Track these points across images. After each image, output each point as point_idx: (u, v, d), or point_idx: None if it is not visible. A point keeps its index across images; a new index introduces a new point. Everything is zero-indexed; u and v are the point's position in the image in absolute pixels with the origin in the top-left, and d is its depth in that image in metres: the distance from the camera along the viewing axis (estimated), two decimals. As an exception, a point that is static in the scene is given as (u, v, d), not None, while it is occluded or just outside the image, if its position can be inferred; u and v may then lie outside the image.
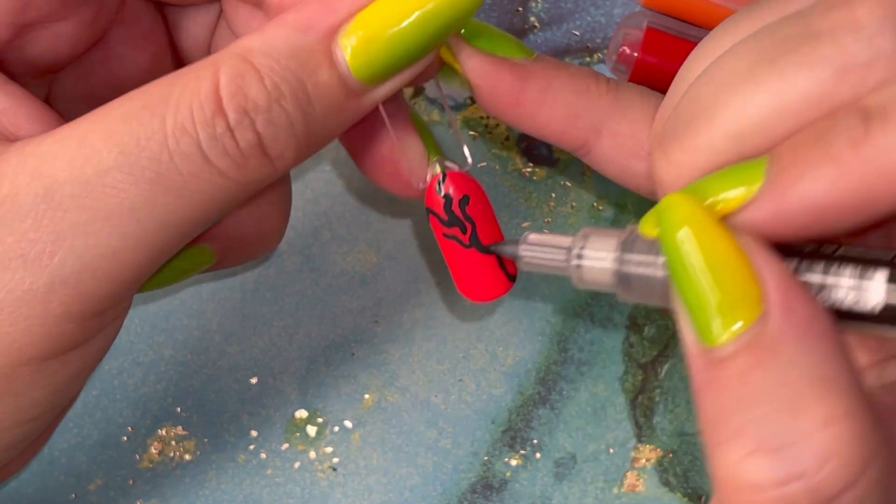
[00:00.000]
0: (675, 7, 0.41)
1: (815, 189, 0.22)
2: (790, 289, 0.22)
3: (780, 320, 0.22)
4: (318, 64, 0.27)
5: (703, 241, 0.23)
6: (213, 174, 0.26)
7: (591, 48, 0.42)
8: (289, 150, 0.27)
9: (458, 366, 0.40)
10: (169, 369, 0.40)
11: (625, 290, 0.26)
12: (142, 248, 0.27)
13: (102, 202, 0.26)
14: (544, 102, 0.30)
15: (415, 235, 0.41)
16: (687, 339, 0.23)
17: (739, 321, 0.22)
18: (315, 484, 0.39)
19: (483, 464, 0.40)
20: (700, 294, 0.22)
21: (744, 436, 0.21)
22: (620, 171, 0.30)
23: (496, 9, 0.42)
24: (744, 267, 0.22)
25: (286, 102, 0.26)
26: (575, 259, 0.27)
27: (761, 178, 0.23)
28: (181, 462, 0.39)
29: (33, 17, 0.30)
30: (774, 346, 0.22)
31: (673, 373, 0.40)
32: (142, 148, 0.26)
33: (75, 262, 0.26)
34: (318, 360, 0.40)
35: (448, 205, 0.31)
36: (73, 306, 0.27)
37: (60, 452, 0.39)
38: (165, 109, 0.26)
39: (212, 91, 0.26)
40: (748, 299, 0.22)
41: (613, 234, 0.26)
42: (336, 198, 0.41)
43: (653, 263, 0.25)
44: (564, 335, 0.40)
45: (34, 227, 0.26)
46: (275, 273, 0.40)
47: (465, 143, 0.34)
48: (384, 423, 0.40)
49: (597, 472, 0.40)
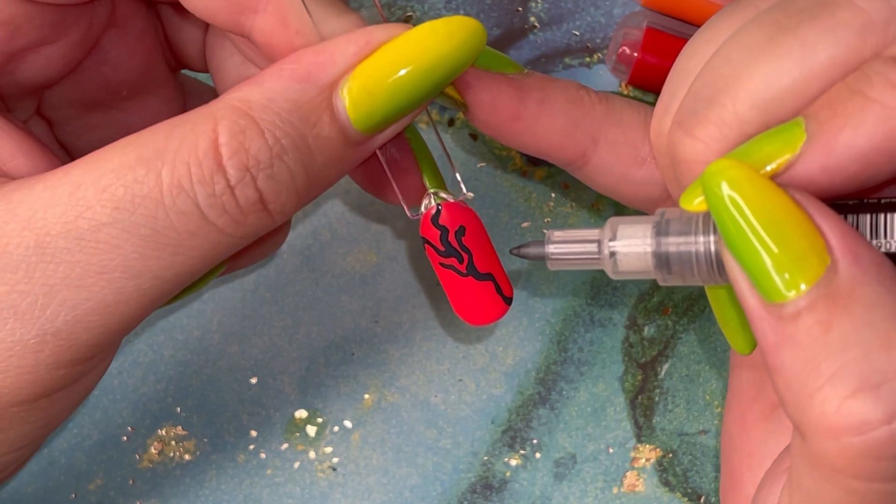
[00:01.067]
0: (675, 7, 0.41)
1: (861, 135, 0.23)
2: (851, 236, 0.23)
3: (851, 267, 0.22)
4: (320, 117, 0.26)
5: (759, 199, 0.23)
6: (210, 231, 0.26)
7: (591, 48, 0.42)
8: (290, 203, 0.27)
9: (458, 366, 0.40)
10: (169, 369, 0.40)
11: (665, 273, 0.26)
12: (135, 301, 0.26)
13: (96, 257, 0.26)
14: (542, 114, 0.29)
15: (415, 235, 0.41)
16: (749, 303, 0.23)
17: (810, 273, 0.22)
18: (315, 484, 0.39)
19: (483, 464, 0.40)
20: (763, 253, 0.22)
21: (841, 378, 0.21)
22: (619, 179, 0.30)
23: (496, 9, 0.42)
24: (804, 220, 0.23)
25: (288, 158, 0.26)
26: (609, 248, 0.27)
27: (804, 135, 0.23)
28: (181, 462, 0.39)
29: (23, 43, 0.29)
30: (850, 292, 0.22)
31: (673, 373, 0.40)
32: (137, 205, 0.25)
33: (67, 315, 0.26)
34: (318, 360, 0.40)
35: (444, 237, 0.30)
36: (64, 356, 0.26)
37: (60, 452, 0.39)
38: (161, 165, 0.25)
39: (211, 147, 0.25)
40: (815, 251, 0.22)
41: (642, 220, 0.27)
42: (336, 198, 0.41)
43: (692, 241, 0.25)
44: (564, 335, 0.40)
45: (25, 279, 0.26)
46: (275, 273, 0.40)
47: (466, 165, 0.33)
48: (384, 423, 0.40)
49: (596, 472, 0.40)
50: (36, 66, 0.30)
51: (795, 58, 0.24)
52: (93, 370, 0.28)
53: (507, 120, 0.29)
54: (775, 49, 0.24)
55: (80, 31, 0.30)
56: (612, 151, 0.30)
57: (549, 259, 0.28)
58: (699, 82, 0.26)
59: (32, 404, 0.27)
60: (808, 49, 0.24)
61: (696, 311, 0.41)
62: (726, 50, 0.25)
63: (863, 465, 0.21)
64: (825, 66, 0.24)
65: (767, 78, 0.24)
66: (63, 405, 0.28)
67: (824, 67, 0.24)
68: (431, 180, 0.31)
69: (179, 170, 0.25)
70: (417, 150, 0.31)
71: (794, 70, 0.24)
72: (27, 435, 0.28)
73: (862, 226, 0.24)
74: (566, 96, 0.30)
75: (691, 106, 0.26)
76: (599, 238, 0.27)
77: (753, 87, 0.24)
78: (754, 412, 0.31)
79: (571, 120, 0.30)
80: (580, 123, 0.30)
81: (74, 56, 0.31)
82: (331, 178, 0.28)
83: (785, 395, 0.23)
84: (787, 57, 0.24)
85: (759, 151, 0.24)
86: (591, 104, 0.30)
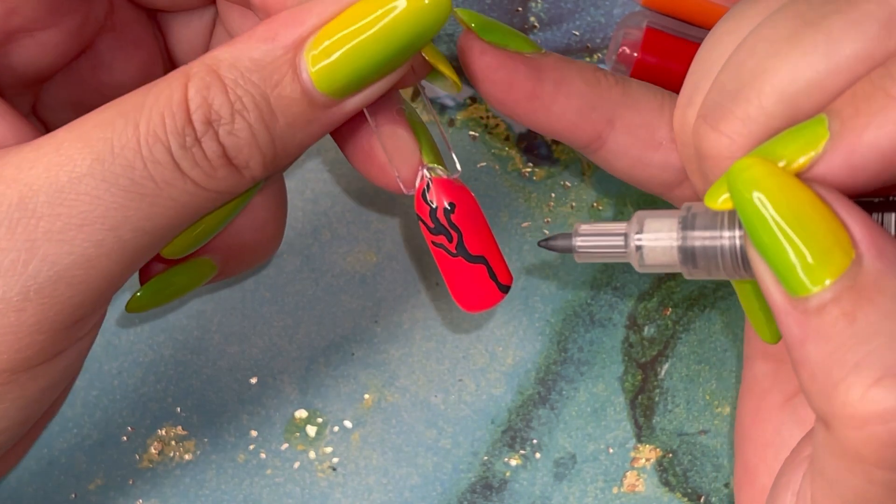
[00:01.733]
0: (675, 7, 0.41)
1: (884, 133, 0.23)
2: (875, 230, 0.23)
3: (875, 260, 0.22)
4: (282, 77, 0.27)
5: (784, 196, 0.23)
6: (185, 183, 0.27)
7: (591, 48, 0.42)
8: (253, 160, 0.27)
9: (458, 366, 0.40)
10: (169, 369, 0.40)
11: (691, 267, 0.26)
12: (116, 255, 0.27)
13: (77, 209, 0.26)
14: (559, 94, 0.29)
15: (415, 235, 0.41)
16: (774, 298, 0.23)
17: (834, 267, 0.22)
18: (315, 484, 0.39)
19: (483, 464, 0.40)
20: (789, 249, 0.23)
21: (865, 367, 0.22)
22: (635, 162, 0.30)
23: (496, 9, 0.42)
24: (829, 216, 0.23)
25: (248, 115, 0.27)
26: (635, 242, 0.27)
27: (826, 134, 0.24)
28: (181, 462, 0.39)
29: (18, 23, 0.29)
30: (876, 285, 0.22)
31: (672, 373, 0.40)
32: (116, 155, 0.26)
33: (49, 270, 0.26)
34: (318, 360, 0.40)
35: (433, 213, 0.30)
36: (47, 315, 0.26)
37: (60, 452, 0.39)
38: (139, 116, 0.26)
39: (181, 100, 0.26)
40: (840, 245, 0.22)
41: (668, 213, 0.27)
42: (336, 198, 0.41)
43: (718, 236, 0.26)
44: (564, 335, 0.40)
45: (7, 236, 0.26)
46: (275, 273, 0.40)
47: (453, 150, 0.33)
48: (384, 423, 0.40)
49: (596, 472, 0.40)
50: (30, 52, 0.30)
51: (820, 52, 0.24)
52: (72, 347, 0.28)
53: (523, 99, 0.29)
54: (800, 43, 0.24)
55: (74, 22, 0.31)
56: (629, 134, 0.30)
57: (576, 252, 0.29)
58: (724, 75, 0.26)
59: (12, 375, 0.27)
60: (833, 43, 0.24)
61: (696, 311, 0.41)
62: (751, 43, 0.25)
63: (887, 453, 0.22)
64: (850, 60, 0.24)
65: (792, 72, 0.24)
66: (43, 383, 0.28)
67: (849, 61, 0.24)
68: (427, 155, 0.31)
69: (155, 120, 0.26)
70: (416, 128, 0.31)
71: (820, 64, 0.24)
72: (7, 416, 0.28)
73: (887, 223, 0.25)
74: (583, 77, 0.30)
75: (716, 99, 0.26)
76: (626, 231, 0.27)
77: (778, 81, 0.25)
78: (769, 403, 0.31)
79: (588, 101, 0.30)
80: (596, 105, 0.30)
81: (68, 48, 0.31)
82: (300, 141, 0.28)
83: (810, 387, 0.23)
84: (813, 51, 0.24)
85: (784, 149, 0.24)
86: (609, 86, 0.30)
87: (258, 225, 0.34)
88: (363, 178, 0.33)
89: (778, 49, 0.25)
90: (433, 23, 0.27)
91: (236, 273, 0.35)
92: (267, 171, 0.28)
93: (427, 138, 0.31)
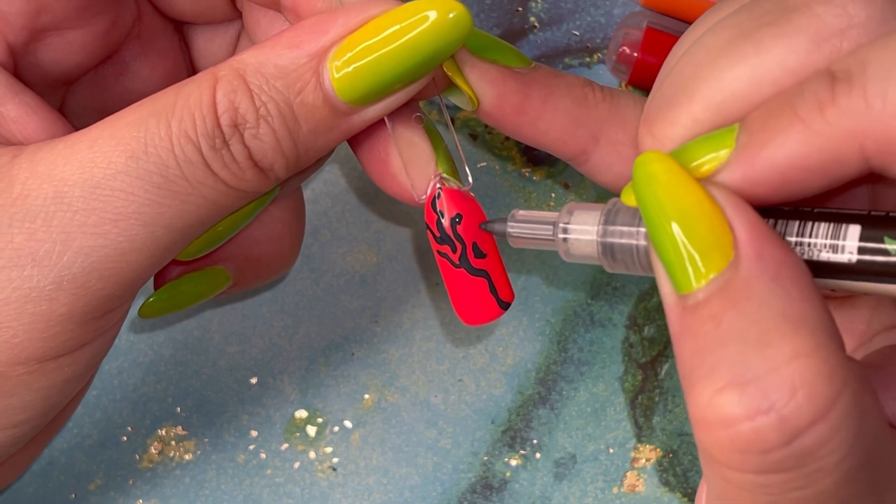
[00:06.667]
0: (674, 7, 0.41)
1: (782, 152, 0.23)
2: (761, 235, 0.23)
3: (751, 264, 0.22)
4: (305, 84, 0.27)
5: (674, 190, 0.23)
6: (217, 182, 0.27)
7: (591, 48, 0.42)
8: (277, 164, 0.28)
9: (458, 366, 0.40)
10: (169, 369, 0.40)
11: (610, 261, 0.27)
12: (148, 249, 0.27)
13: (111, 205, 0.27)
14: (545, 111, 0.30)
15: (415, 235, 0.41)
16: (664, 291, 0.23)
17: (712, 267, 0.22)
18: (315, 484, 0.39)
19: (483, 464, 0.40)
20: (673, 243, 0.23)
21: (716, 373, 0.22)
22: (618, 178, 0.31)
23: (496, 9, 0.42)
24: (714, 215, 0.23)
25: (272, 120, 0.27)
26: (561, 233, 0.27)
27: (732, 144, 0.24)
28: (181, 462, 0.39)
29: (47, 21, 0.30)
30: (746, 289, 0.22)
31: (673, 373, 0.40)
32: (149, 154, 0.27)
33: (83, 262, 0.27)
34: (318, 360, 0.40)
35: (440, 222, 0.31)
36: (77, 306, 0.27)
37: (60, 452, 0.39)
38: (171, 116, 0.27)
39: (210, 103, 0.27)
40: (720, 245, 0.23)
41: (598, 207, 0.27)
42: (336, 198, 0.41)
43: (635, 233, 0.26)
44: (564, 335, 0.40)
45: (44, 227, 0.27)
46: (275, 273, 0.40)
47: (467, 163, 0.34)
48: (384, 423, 0.40)
49: (597, 472, 0.40)
50: (59, 52, 0.31)
51: (749, 62, 0.24)
52: (96, 339, 0.29)
53: (511, 113, 0.30)
54: (732, 52, 0.25)
55: (103, 24, 0.31)
56: (613, 151, 0.30)
57: (509, 237, 0.29)
58: (667, 80, 0.26)
59: (38, 365, 0.28)
60: (761, 54, 0.24)
61: (696, 311, 0.41)
62: (693, 50, 0.26)
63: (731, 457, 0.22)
64: (775, 72, 0.24)
65: (720, 81, 0.25)
66: (68, 374, 0.28)
67: (775, 73, 0.24)
68: (442, 164, 0.31)
69: (186, 121, 0.27)
70: (432, 138, 0.31)
71: (745, 75, 0.24)
72: (30, 406, 0.28)
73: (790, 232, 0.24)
74: (570, 94, 0.30)
75: (655, 104, 0.26)
76: (556, 221, 0.28)
77: (707, 89, 0.25)
78: None
79: (573, 118, 0.30)
80: (582, 122, 0.30)
81: (95, 50, 0.32)
82: (321, 146, 0.29)
83: (682, 383, 0.23)
84: (742, 61, 0.24)
85: (695, 153, 0.24)
86: (595, 103, 0.30)
87: (275, 237, 0.34)
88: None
89: (712, 57, 0.25)
90: (456, 38, 0.27)
91: (251, 286, 0.36)
92: (290, 172, 0.29)
93: (443, 148, 0.31)
